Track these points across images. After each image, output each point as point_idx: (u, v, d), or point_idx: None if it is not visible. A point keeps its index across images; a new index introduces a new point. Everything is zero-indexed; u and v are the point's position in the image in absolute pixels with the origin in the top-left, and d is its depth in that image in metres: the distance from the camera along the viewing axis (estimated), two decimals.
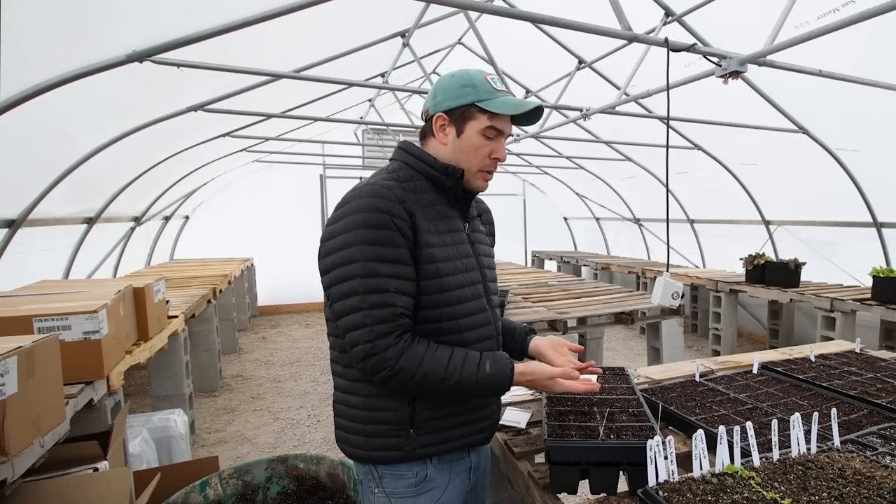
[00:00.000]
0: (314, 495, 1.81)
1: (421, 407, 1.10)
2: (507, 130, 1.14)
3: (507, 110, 1.09)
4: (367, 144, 7.84)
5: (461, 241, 1.17)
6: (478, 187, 1.18)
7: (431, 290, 1.08)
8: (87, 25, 2.15)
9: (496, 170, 1.19)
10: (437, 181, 1.14)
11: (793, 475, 0.95)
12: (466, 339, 1.12)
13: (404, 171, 1.14)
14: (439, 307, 1.09)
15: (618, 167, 6.87)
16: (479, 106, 1.09)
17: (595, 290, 4.90)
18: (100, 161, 3.41)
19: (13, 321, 1.78)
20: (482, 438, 1.20)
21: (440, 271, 1.08)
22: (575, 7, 3.38)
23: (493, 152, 1.13)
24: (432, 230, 1.10)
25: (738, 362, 2.00)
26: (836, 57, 3.18)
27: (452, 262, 1.12)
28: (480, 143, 1.11)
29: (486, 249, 1.26)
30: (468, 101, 1.09)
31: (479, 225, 1.29)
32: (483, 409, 1.19)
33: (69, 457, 1.69)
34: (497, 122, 1.10)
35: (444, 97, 1.11)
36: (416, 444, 1.10)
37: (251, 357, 5.69)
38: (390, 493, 1.13)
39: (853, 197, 4.43)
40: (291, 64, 3.85)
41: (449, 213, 1.16)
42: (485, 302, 1.18)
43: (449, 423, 1.13)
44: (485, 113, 1.09)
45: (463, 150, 1.13)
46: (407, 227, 1.04)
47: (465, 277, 1.14)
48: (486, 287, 1.20)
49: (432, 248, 1.08)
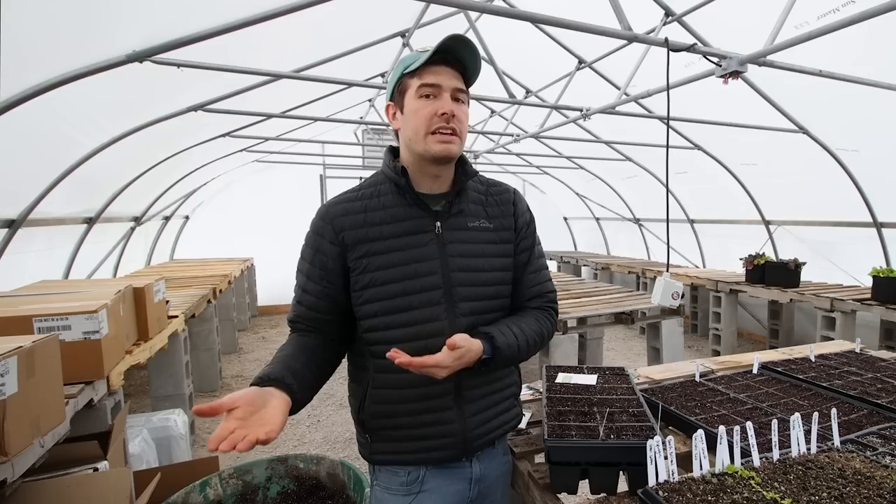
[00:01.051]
0: (314, 495, 1.81)
1: (370, 414, 1.12)
2: (445, 83, 1.05)
3: (423, 59, 1.04)
4: (367, 144, 7.82)
5: (420, 243, 1.09)
6: (436, 152, 1.06)
7: (369, 299, 1.08)
8: (87, 25, 2.15)
9: (457, 129, 1.07)
10: (395, 181, 1.12)
11: (793, 475, 0.95)
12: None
13: (373, 178, 1.18)
14: (378, 315, 1.08)
15: (618, 167, 6.87)
16: (406, 74, 1.08)
17: (595, 290, 4.90)
18: (100, 161, 3.40)
19: (13, 321, 1.78)
20: (444, 456, 1.12)
21: (375, 280, 1.07)
22: (575, 7, 3.38)
23: (438, 109, 1.05)
24: (374, 237, 1.08)
25: (738, 362, 2.00)
26: (836, 57, 3.18)
27: (397, 269, 1.07)
28: (419, 105, 1.06)
29: (467, 249, 1.12)
30: (398, 75, 1.10)
31: (469, 220, 1.15)
32: (441, 424, 1.10)
33: (69, 457, 1.69)
34: (427, 78, 1.05)
35: (389, 87, 1.14)
36: (371, 450, 1.15)
37: (251, 357, 5.68)
38: (385, 488, 1.15)
39: (853, 197, 4.43)
40: (291, 64, 3.85)
41: (409, 214, 1.11)
42: (440, 309, 1.08)
43: (400, 434, 1.11)
44: (413, 76, 1.07)
45: (408, 123, 1.09)
46: (328, 244, 1.10)
47: (413, 284, 1.07)
48: (452, 293, 1.09)
49: (368, 258, 1.08)
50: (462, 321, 1.09)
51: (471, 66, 1.09)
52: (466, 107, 1.12)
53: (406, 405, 1.10)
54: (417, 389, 1.09)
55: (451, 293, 1.09)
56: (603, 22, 2.36)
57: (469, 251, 1.13)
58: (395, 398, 1.10)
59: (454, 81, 1.07)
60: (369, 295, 1.08)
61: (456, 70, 1.08)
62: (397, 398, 1.10)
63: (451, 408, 1.11)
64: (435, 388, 1.09)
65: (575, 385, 1.50)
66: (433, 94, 1.06)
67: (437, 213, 1.13)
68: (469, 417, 1.12)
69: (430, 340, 1.06)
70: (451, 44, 1.03)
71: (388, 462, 1.14)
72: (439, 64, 1.06)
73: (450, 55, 1.06)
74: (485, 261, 1.14)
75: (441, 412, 1.11)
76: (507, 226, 1.20)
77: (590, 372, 1.62)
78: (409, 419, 1.11)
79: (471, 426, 1.13)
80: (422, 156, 1.09)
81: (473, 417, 1.13)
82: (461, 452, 1.13)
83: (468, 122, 1.15)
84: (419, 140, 1.07)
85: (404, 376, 1.07)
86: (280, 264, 7.91)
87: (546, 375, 1.60)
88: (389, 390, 1.10)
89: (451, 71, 1.07)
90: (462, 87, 1.09)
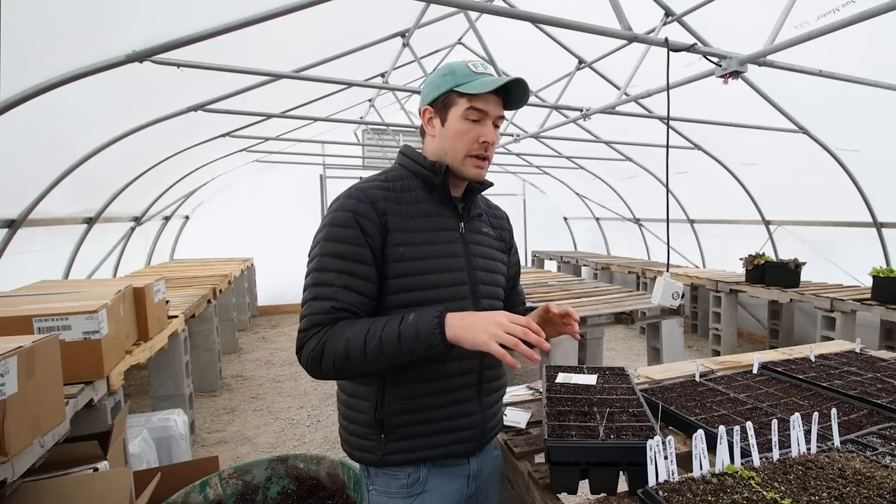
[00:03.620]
0: (314, 495, 1.81)
1: (391, 412, 1.08)
2: (491, 111, 1.09)
3: (482, 89, 1.06)
4: (367, 144, 7.84)
5: (448, 240, 1.14)
6: (469, 175, 1.13)
7: (402, 289, 1.07)
8: (87, 25, 2.15)
9: (490, 156, 1.14)
10: (426, 179, 1.14)
11: (793, 475, 0.95)
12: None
13: (396, 172, 1.18)
14: (409, 306, 1.07)
15: (618, 167, 6.87)
16: (457, 91, 1.08)
17: (595, 290, 4.90)
18: (100, 161, 3.41)
19: (13, 321, 1.78)
20: (462, 450, 1.14)
21: (411, 269, 1.08)
22: (575, 7, 3.39)
23: (481, 136, 1.10)
24: (410, 228, 1.09)
25: (738, 362, 2.00)
26: (836, 57, 3.18)
27: (430, 261, 1.09)
28: (464, 127, 1.09)
29: (484, 251, 1.20)
30: (447, 87, 1.09)
31: (481, 226, 1.24)
32: (463, 417, 1.13)
33: (69, 457, 1.69)
34: (478, 104, 1.08)
35: (429, 90, 1.13)
36: (387, 451, 1.10)
37: (251, 357, 5.69)
38: (383, 492, 1.13)
39: (853, 197, 4.43)
40: (291, 64, 3.85)
41: (438, 211, 1.15)
42: (468, 304, 1.12)
43: (422, 430, 1.10)
44: (463, 96, 1.08)
45: (448, 138, 1.11)
46: (373, 226, 1.05)
47: (444, 277, 1.10)
48: (476, 289, 1.15)
49: (405, 247, 1.08)
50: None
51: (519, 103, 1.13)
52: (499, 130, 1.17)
53: (432, 398, 1.10)
54: (443, 382, 1.11)
55: (476, 289, 1.15)
56: (603, 22, 2.36)
57: (485, 253, 1.21)
58: (420, 392, 1.09)
59: (498, 110, 1.11)
60: (403, 284, 1.07)
61: (500, 98, 1.11)
62: (424, 391, 1.10)
63: (473, 399, 1.15)
64: (459, 380, 1.12)
65: (575, 385, 1.50)
66: (479, 120, 1.09)
67: (461, 214, 1.19)
68: (486, 410, 1.18)
69: None
70: (512, 85, 1.07)
71: (401, 462, 1.11)
72: (492, 93, 1.08)
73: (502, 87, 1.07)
74: (494, 263, 1.23)
75: (464, 404, 1.13)
76: (504, 238, 1.33)
77: (590, 372, 1.62)
78: (434, 412, 1.11)
79: (487, 418, 1.18)
80: (454, 173, 1.14)
81: (489, 410, 1.19)
82: (476, 446, 1.17)
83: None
84: (457, 159, 1.12)
85: (430, 368, 1.09)
86: (280, 264, 7.92)
87: (546, 375, 1.60)
88: (414, 384, 1.09)
89: (497, 100, 1.10)
90: (503, 115, 1.14)
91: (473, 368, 1.14)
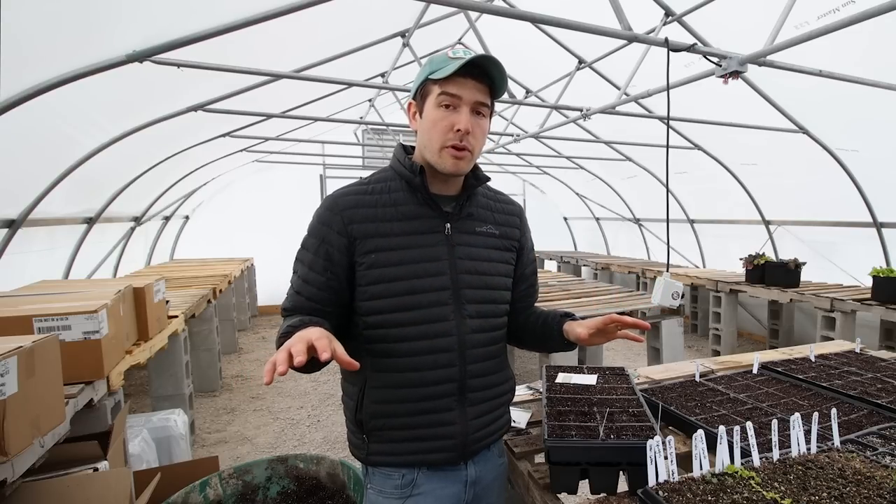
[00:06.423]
0: (314, 495, 1.81)
1: (368, 414, 1.09)
2: (466, 96, 1.03)
3: (449, 69, 1.00)
4: (367, 144, 7.84)
5: (429, 243, 1.09)
6: (446, 168, 1.06)
7: (376, 295, 1.07)
8: (87, 25, 2.15)
9: (470, 146, 1.06)
10: (408, 180, 1.11)
11: (793, 475, 0.95)
12: (416, 349, 1.07)
13: (383, 174, 1.16)
14: (382, 312, 1.07)
15: (618, 167, 6.87)
16: (431, 79, 1.05)
17: (595, 290, 4.90)
18: (100, 161, 3.41)
19: (13, 321, 1.78)
20: (442, 458, 1.10)
21: (384, 276, 1.06)
22: (575, 7, 3.38)
23: (455, 124, 1.03)
24: (384, 233, 1.07)
25: (738, 362, 2.00)
26: (836, 57, 3.18)
27: (405, 267, 1.06)
28: (438, 115, 1.04)
29: (475, 252, 1.13)
30: (423, 77, 1.07)
31: (476, 225, 1.16)
32: (441, 426, 1.09)
33: (69, 457, 1.69)
34: (449, 87, 1.02)
35: (414, 86, 1.12)
36: (370, 451, 1.12)
37: (251, 357, 5.69)
38: (378, 491, 1.14)
39: (853, 197, 4.43)
40: (291, 64, 3.85)
41: (420, 213, 1.10)
42: (448, 311, 1.08)
43: (399, 435, 1.09)
44: (436, 83, 1.04)
45: (425, 129, 1.07)
46: (335, 235, 1.07)
47: (421, 283, 1.07)
48: (459, 294, 1.10)
49: (377, 253, 1.06)
50: (469, 323, 1.11)
51: (497, 82, 1.07)
52: (487, 120, 1.10)
53: (407, 405, 1.09)
54: (419, 389, 1.08)
55: (459, 294, 1.10)
56: (603, 22, 2.36)
57: (476, 255, 1.14)
58: (395, 398, 1.09)
59: (477, 95, 1.05)
60: (376, 291, 1.07)
61: (482, 83, 1.05)
62: (399, 397, 1.08)
63: (454, 409, 1.10)
64: (438, 388, 1.09)
65: (575, 385, 1.50)
66: (452, 106, 1.04)
67: (448, 214, 1.13)
68: (471, 420, 1.12)
69: (436, 340, 1.08)
70: (480, 60, 1.02)
71: (384, 464, 1.12)
72: (465, 76, 1.03)
73: (476, 69, 1.03)
74: (490, 265, 1.16)
75: (442, 413, 1.10)
76: (512, 236, 1.23)
77: (590, 372, 1.62)
78: (410, 419, 1.09)
79: (472, 429, 1.12)
80: (432, 167, 1.10)
81: (475, 420, 1.13)
82: (459, 456, 1.12)
83: (486, 136, 1.13)
84: (433, 151, 1.07)
85: (405, 375, 1.07)
86: (280, 264, 7.90)
87: (546, 375, 1.60)
88: (390, 389, 1.09)
89: (476, 84, 1.04)
90: (485, 101, 1.07)
91: (453, 377, 1.09)
